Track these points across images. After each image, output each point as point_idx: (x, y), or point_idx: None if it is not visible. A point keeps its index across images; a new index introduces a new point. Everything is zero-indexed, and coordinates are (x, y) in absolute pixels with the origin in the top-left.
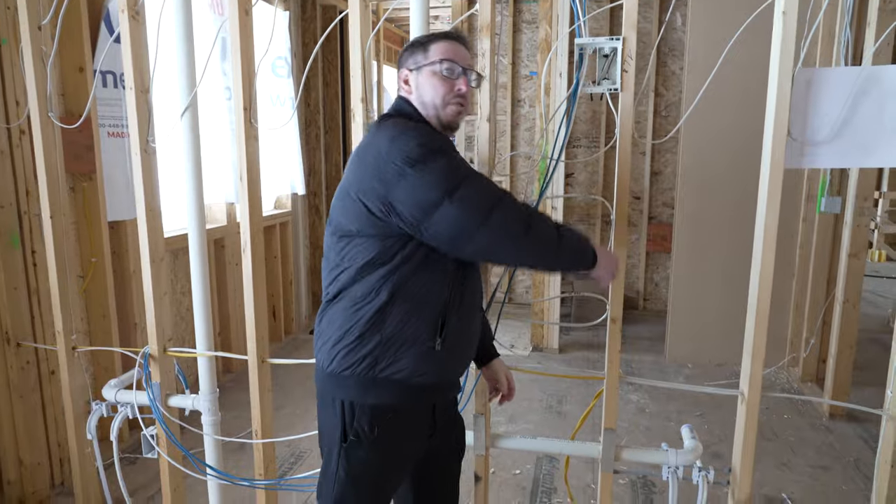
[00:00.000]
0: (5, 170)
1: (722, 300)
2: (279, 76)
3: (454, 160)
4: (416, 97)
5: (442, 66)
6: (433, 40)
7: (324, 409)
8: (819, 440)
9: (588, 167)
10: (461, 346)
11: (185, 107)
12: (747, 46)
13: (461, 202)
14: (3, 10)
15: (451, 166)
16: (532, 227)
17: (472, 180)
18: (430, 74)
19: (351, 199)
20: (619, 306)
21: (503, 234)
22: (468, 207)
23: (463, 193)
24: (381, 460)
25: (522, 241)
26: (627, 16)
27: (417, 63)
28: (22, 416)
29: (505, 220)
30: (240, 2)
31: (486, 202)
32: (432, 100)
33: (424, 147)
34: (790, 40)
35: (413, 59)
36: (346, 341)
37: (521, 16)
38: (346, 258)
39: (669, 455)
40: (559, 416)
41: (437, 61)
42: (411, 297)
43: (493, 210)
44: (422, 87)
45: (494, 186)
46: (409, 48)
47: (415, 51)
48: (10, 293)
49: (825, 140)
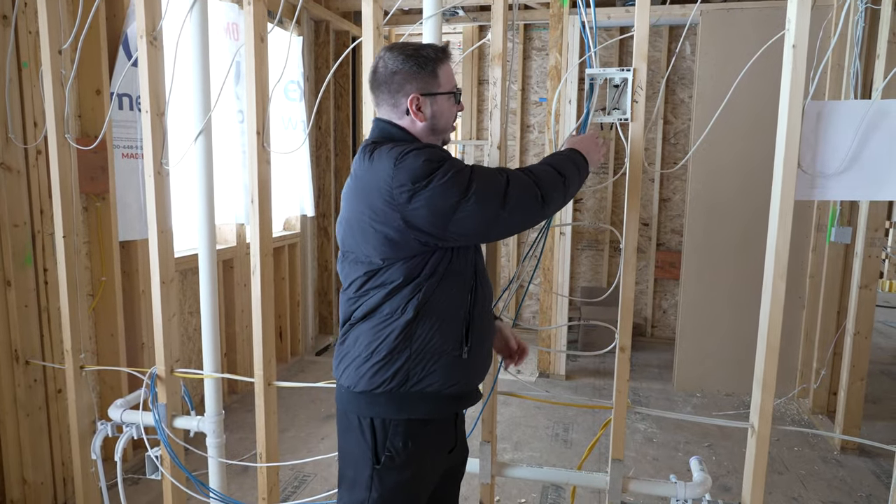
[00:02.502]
0: (21, 189)
1: (731, 328)
2: (291, 100)
3: (455, 162)
4: (428, 125)
5: (456, 95)
6: (438, 62)
7: (348, 432)
8: (830, 474)
9: (597, 193)
10: (485, 349)
11: (199, 131)
12: (755, 75)
13: (478, 196)
14: (25, 34)
15: (456, 169)
16: (541, 186)
17: (478, 174)
18: (448, 103)
19: (370, 230)
20: (628, 335)
21: (525, 206)
22: (486, 198)
23: (476, 188)
24: (415, 478)
25: (541, 204)
26: (638, 47)
27: (430, 89)
28: (28, 434)
29: (521, 195)
30: (255, 29)
31: (498, 188)
32: (445, 126)
33: (429, 162)
34: (800, 73)
35: (422, 82)
36: (375, 359)
37: (531, 43)
38: (373, 287)
39: (678, 488)
40: (565, 445)
41: (453, 92)
42: (436, 310)
43: (508, 191)
44: (440, 115)
45: (494, 170)
46: (415, 68)
47: (423, 74)
48: (20, 311)
49: (836, 172)
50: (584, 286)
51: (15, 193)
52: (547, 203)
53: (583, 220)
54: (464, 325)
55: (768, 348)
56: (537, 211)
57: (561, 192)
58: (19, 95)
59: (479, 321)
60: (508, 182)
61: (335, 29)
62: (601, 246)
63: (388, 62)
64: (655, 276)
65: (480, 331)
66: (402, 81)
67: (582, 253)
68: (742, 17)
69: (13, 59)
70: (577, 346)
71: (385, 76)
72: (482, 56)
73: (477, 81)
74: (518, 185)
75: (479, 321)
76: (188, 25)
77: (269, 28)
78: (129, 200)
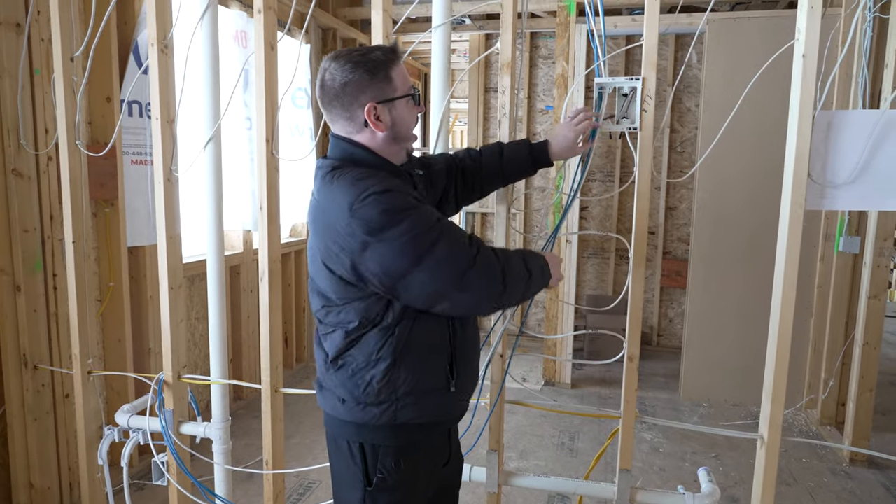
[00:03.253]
0: (31, 195)
1: (738, 338)
2: (299, 107)
3: (418, 216)
4: (390, 134)
5: (415, 97)
6: (390, 65)
7: (338, 455)
8: (839, 486)
9: (602, 201)
10: (472, 376)
11: (209, 138)
12: (762, 84)
13: (431, 269)
14: (38, 41)
15: (417, 231)
16: (506, 279)
17: (443, 242)
18: (409, 106)
19: (322, 265)
20: (637, 344)
21: (480, 295)
22: (440, 272)
23: (433, 259)
24: (408, 496)
25: (498, 295)
26: (647, 56)
27: (386, 95)
28: (35, 438)
29: (482, 281)
30: (266, 37)
31: (458, 265)
32: (407, 132)
33: (387, 213)
34: (810, 83)
35: (377, 89)
36: (361, 402)
37: (537, 51)
38: (331, 322)
39: (686, 499)
40: (571, 454)
41: (410, 93)
42: (417, 351)
43: (468, 272)
44: (401, 121)
45: (464, 241)
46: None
47: (376, 81)
48: (29, 316)
49: (845, 182)
50: (590, 294)
51: (25, 199)
52: (503, 299)
53: (588, 229)
54: (449, 361)
55: (778, 358)
56: (490, 302)
57: (520, 291)
58: (31, 102)
59: (463, 348)
60: (474, 262)
61: (342, 37)
62: (607, 254)
63: (335, 73)
64: (661, 284)
65: (465, 357)
66: (354, 92)
67: (587, 261)
68: (749, 27)
69: (26, 66)
70: (583, 354)
71: (335, 89)
72: (488, 64)
73: (483, 89)
74: (483, 268)
75: (463, 348)
76: (199, 33)
77: (279, 37)
78: (137, 206)
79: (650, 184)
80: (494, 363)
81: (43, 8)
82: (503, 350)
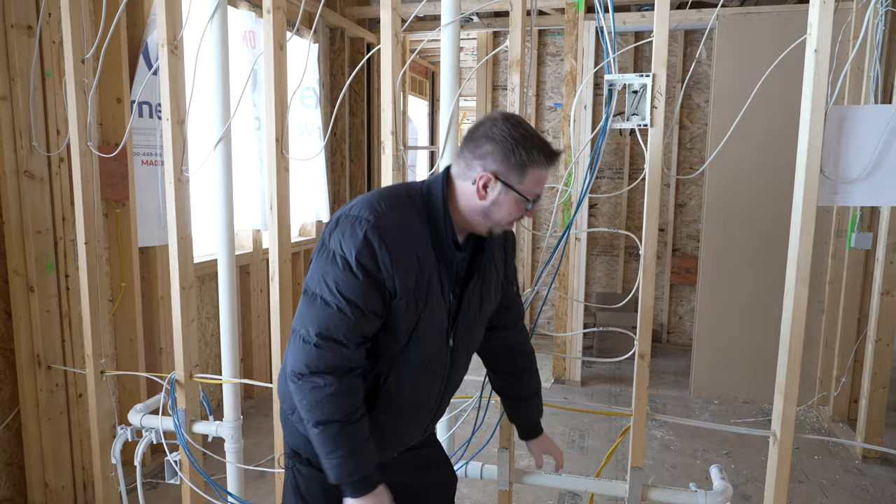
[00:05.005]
0: (44, 196)
1: (749, 334)
2: (307, 106)
3: (345, 279)
4: (482, 207)
5: (530, 203)
6: (534, 164)
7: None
8: (852, 483)
9: (611, 198)
10: (382, 443)
11: (219, 139)
12: (772, 79)
13: (297, 317)
14: (49, 44)
15: (329, 279)
16: (304, 381)
17: (320, 304)
18: (516, 202)
19: None
20: (648, 342)
21: (293, 354)
22: (302, 313)
23: (308, 302)
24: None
25: (294, 379)
26: (657, 53)
27: (509, 180)
28: (49, 438)
29: (298, 350)
30: (275, 37)
31: (305, 328)
32: (499, 221)
33: (344, 259)
34: (823, 78)
35: (505, 168)
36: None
37: (545, 48)
38: None
39: (699, 497)
40: (581, 452)
41: (532, 198)
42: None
43: (300, 337)
44: (499, 207)
45: (325, 330)
46: (509, 151)
47: (511, 161)
48: (43, 316)
49: (858, 178)
50: (599, 292)
51: (38, 200)
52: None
53: (598, 226)
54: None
55: (790, 355)
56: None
57: (324, 436)
58: (43, 104)
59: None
60: (304, 375)
61: (350, 36)
62: (616, 251)
63: (494, 126)
64: (671, 281)
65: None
66: (491, 154)
67: (597, 258)
68: (759, 22)
69: (37, 68)
70: (593, 352)
71: (481, 137)
72: (496, 62)
73: (491, 87)
74: (306, 389)
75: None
76: (208, 34)
77: (288, 37)
78: (148, 207)
79: (660, 180)
80: None
81: (54, 10)
82: None
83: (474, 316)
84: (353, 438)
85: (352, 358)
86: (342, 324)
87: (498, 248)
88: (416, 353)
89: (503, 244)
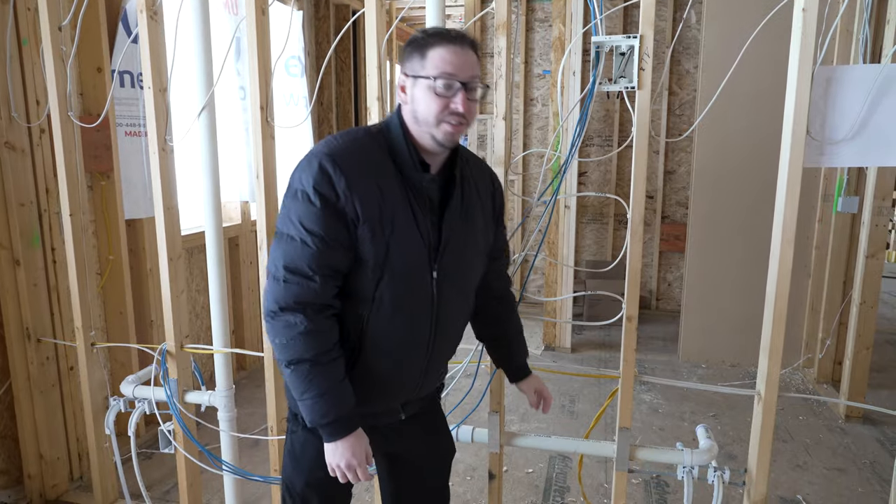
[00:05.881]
0: (26, 169)
1: (736, 300)
2: (293, 75)
3: (303, 211)
4: (411, 110)
5: (437, 83)
6: (432, 44)
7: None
8: (835, 442)
9: (601, 165)
10: (378, 390)
11: (203, 106)
12: (761, 43)
13: (272, 249)
14: (24, 11)
15: (290, 213)
16: (276, 319)
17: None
18: (425, 88)
19: None
20: (635, 304)
21: (266, 294)
22: (272, 253)
23: (276, 240)
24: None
25: (268, 318)
26: (644, 13)
27: (415, 71)
28: (42, 411)
29: (270, 289)
30: (257, 2)
31: (274, 265)
32: (425, 117)
33: (291, 187)
34: (810, 38)
35: (410, 63)
36: None
37: (533, 14)
38: None
39: (685, 455)
40: (571, 416)
41: (433, 77)
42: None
43: (272, 275)
44: (416, 100)
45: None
46: (408, 47)
47: (412, 54)
48: (30, 290)
49: (845, 139)
50: (589, 259)
51: (20, 173)
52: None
53: (588, 192)
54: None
55: (776, 315)
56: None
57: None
58: (21, 73)
59: (377, 348)
60: (276, 281)
61: (335, 3)
62: (605, 219)
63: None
64: (660, 248)
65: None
66: (403, 59)
67: (586, 226)
68: None
69: (13, 36)
70: (583, 319)
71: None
72: (484, 28)
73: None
74: (275, 287)
75: (377, 348)
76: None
77: (270, 1)
78: (133, 179)
79: (648, 143)
80: None
81: None
82: None
83: (462, 246)
84: (325, 378)
85: (321, 293)
86: (306, 254)
87: (482, 179)
88: (393, 287)
89: (489, 177)
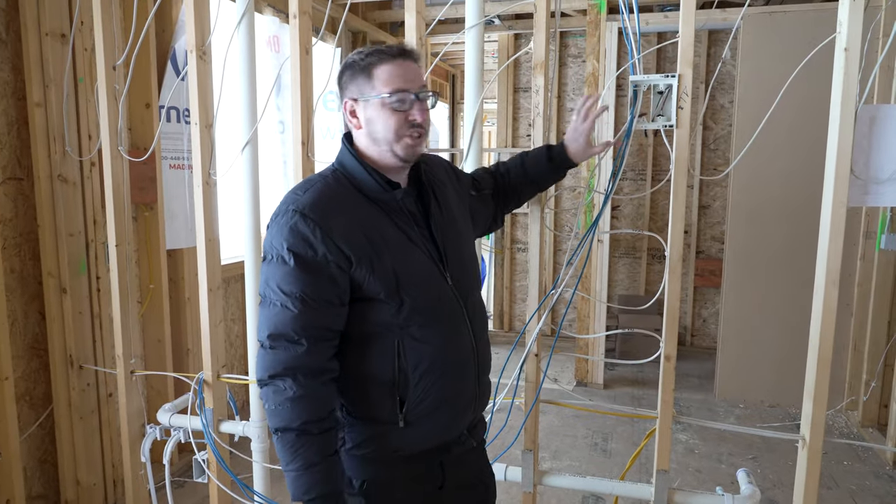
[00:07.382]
0: (76, 200)
1: (774, 337)
2: (329, 110)
3: (284, 275)
4: (366, 133)
5: (392, 99)
6: (375, 63)
7: None
8: (883, 490)
9: (634, 200)
10: (442, 411)
11: (246, 142)
12: (799, 79)
13: (260, 316)
14: (82, 51)
15: (274, 278)
16: (266, 386)
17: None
18: (380, 107)
19: None
20: (674, 343)
21: (256, 363)
22: (258, 322)
23: (259, 308)
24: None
25: (259, 385)
26: (683, 53)
27: (363, 93)
28: (81, 437)
29: (259, 357)
30: (301, 41)
31: (260, 333)
32: (384, 135)
33: (269, 247)
34: (852, 77)
35: (356, 85)
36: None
37: (566, 50)
38: None
39: (726, 500)
40: (604, 455)
41: (387, 94)
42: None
43: (259, 343)
44: (372, 122)
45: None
46: (349, 69)
47: (356, 75)
48: (75, 317)
49: (890, 178)
50: (622, 294)
51: (71, 204)
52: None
53: (620, 228)
54: (394, 394)
55: (820, 357)
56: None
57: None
58: (75, 110)
59: (428, 382)
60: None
61: (372, 40)
62: (638, 254)
63: (342, 66)
64: (695, 284)
65: (431, 393)
66: (344, 83)
67: (619, 261)
68: (784, 21)
69: (70, 75)
70: (615, 355)
71: (338, 80)
72: (517, 64)
73: (512, 89)
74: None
75: (428, 382)
76: (236, 39)
77: (313, 42)
78: (175, 210)
79: (686, 179)
80: (529, 363)
81: (86, 18)
82: (538, 350)
83: (458, 246)
84: (312, 450)
85: (309, 357)
86: (287, 318)
87: (441, 172)
88: (420, 304)
89: (444, 168)
